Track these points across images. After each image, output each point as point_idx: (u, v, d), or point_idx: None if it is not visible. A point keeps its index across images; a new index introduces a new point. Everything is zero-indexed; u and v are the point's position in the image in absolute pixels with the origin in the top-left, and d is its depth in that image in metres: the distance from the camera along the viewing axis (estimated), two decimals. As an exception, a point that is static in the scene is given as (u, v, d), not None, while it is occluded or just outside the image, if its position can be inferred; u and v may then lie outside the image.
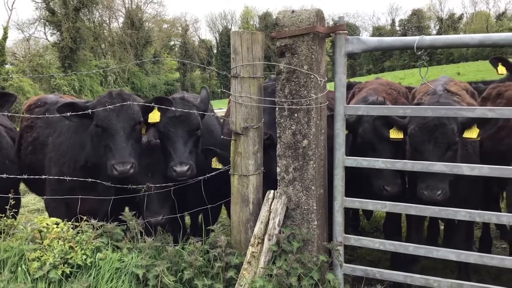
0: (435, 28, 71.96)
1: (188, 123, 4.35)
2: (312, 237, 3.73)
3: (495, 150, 4.38)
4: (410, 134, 3.95)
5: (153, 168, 4.34)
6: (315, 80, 3.61)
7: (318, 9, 3.66)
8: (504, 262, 3.43)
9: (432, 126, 3.83)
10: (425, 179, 3.77)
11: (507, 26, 57.99)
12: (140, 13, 58.86)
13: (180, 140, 4.28)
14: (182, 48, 68.70)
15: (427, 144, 3.84)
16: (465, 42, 3.39)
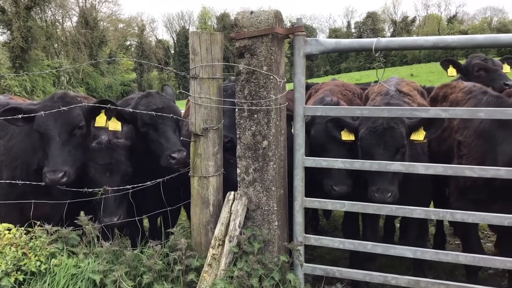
0: (389, 31, 73.81)
1: (174, 112, 4.34)
2: (273, 238, 3.74)
3: (439, 150, 4.55)
4: (361, 138, 4.02)
5: (112, 168, 4.24)
6: (274, 81, 3.62)
7: (276, 10, 3.68)
8: (459, 258, 3.55)
9: (381, 129, 3.91)
10: (375, 182, 3.84)
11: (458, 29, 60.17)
12: (94, 12, 57.48)
13: (169, 129, 4.23)
14: (138, 48, 67.63)
15: (376, 147, 3.93)
16: (420, 44, 3.48)
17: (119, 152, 4.31)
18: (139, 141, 4.41)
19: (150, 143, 4.26)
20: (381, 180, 3.82)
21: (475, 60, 6.20)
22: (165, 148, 4.13)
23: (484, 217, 3.44)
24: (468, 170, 3.45)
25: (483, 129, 4.01)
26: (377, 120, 3.94)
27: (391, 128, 3.90)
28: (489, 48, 4.67)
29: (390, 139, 3.90)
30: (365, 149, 4.02)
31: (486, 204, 3.79)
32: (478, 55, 6.34)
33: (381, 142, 3.92)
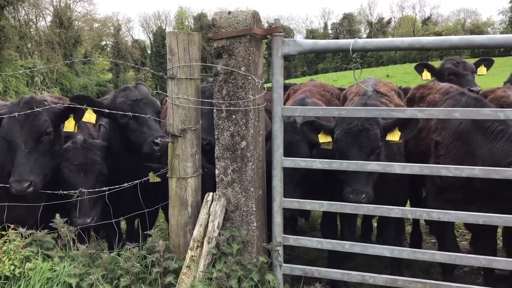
0: (365, 32, 74.61)
1: (153, 104, 4.35)
2: (252, 239, 3.74)
3: (417, 150, 4.61)
4: (336, 139, 4.04)
5: (87, 169, 4.18)
6: (252, 82, 3.61)
7: (254, 10, 3.67)
8: (435, 256, 3.60)
9: (356, 131, 3.94)
10: (350, 183, 3.86)
11: (432, 30, 61.18)
12: (69, 12, 56.61)
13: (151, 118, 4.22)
14: (114, 48, 66.82)
15: (351, 148, 3.95)
16: (396, 45, 3.51)
17: (95, 152, 4.26)
18: (118, 136, 4.37)
19: (131, 133, 4.23)
20: (356, 181, 3.85)
21: (447, 64, 6.31)
22: (148, 135, 4.10)
23: (460, 216, 3.50)
24: (444, 169, 3.50)
25: (462, 131, 4.07)
26: (352, 121, 3.96)
27: (366, 130, 3.93)
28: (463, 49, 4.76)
29: (365, 141, 3.93)
30: (340, 151, 4.04)
31: (463, 204, 3.85)
32: (452, 58, 6.44)
33: (356, 144, 3.94)
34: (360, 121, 3.94)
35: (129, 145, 4.24)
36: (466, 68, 6.19)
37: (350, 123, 3.97)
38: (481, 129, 3.90)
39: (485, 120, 3.87)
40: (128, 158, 4.29)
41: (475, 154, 3.90)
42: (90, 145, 4.30)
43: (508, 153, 3.67)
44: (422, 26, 68.09)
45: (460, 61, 6.30)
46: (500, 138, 3.77)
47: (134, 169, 4.17)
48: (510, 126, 3.79)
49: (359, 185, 3.84)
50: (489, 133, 3.85)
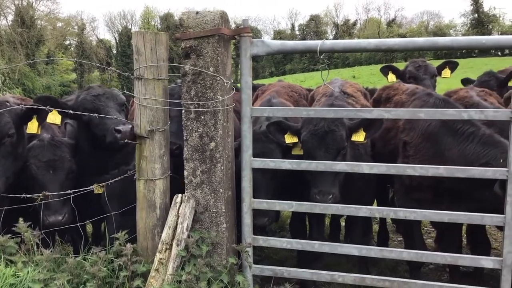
0: (332, 33, 75.43)
1: (116, 97, 4.36)
2: (221, 240, 3.72)
3: (385, 150, 4.68)
4: (303, 140, 4.06)
5: (56, 166, 4.09)
6: (221, 82, 3.59)
7: (222, 11, 3.65)
8: (402, 254, 3.67)
9: (322, 132, 3.97)
10: (317, 184, 3.89)
11: (396, 32, 62.38)
12: (31, 11, 55.08)
13: (112, 110, 4.21)
14: (78, 48, 65.43)
15: (318, 150, 3.98)
16: (363, 46, 3.56)
17: (63, 149, 4.22)
18: (84, 134, 4.34)
19: (95, 128, 4.19)
20: (322, 183, 3.87)
21: (409, 67, 6.47)
22: (109, 124, 4.07)
23: (426, 214, 3.57)
24: (410, 169, 3.58)
25: (432, 132, 4.15)
26: (318, 123, 3.99)
27: (332, 131, 3.96)
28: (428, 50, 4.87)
29: (331, 142, 3.96)
30: (307, 152, 4.06)
31: (431, 204, 3.92)
32: (415, 61, 6.58)
33: (322, 145, 3.97)
34: (326, 123, 3.97)
35: (95, 140, 4.20)
36: (427, 71, 6.34)
37: (316, 124, 3.99)
38: (451, 131, 3.99)
39: (455, 122, 3.96)
40: (96, 157, 4.23)
41: (444, 155, 3.99)
42: (58, 142, 4.24)
43: (480, 155, 3.77)
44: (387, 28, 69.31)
45: (422, 65, 6.42)
46: (471, 140, 3.86)
47: (102, 169, 4.10)
48: (480, 128, 3.89)
49: (325, 186, 3.86)
50: (459, 135, 3.95)
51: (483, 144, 3.79)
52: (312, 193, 3.89)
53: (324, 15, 77.84)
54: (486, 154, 3.73)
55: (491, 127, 3.97)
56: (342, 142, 3.99)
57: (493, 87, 6.03)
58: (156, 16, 77.00)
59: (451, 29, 62.52)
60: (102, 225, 5.31)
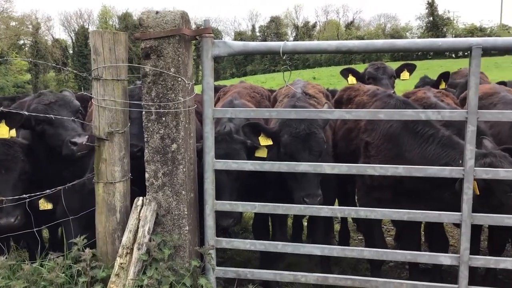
0: (292, 35, 76.09)
1: (69, 104, 4.24)
2: (184, 243, 3.67)
3: (347, 150, 4.75)
4: (285, 144, 4.04)
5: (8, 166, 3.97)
6: (182, 83, 3.55)
7: (183, 11, 3.61)
8: (363, 253, 3.72)
9: (304, 135, 3.98)
10: (305, 188, 3.89)
11: (355, 34, 63.52)
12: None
13: (68, 119, 4.07)
14: (33, 48, 63.48)
15: (302, 152, 3.98)
16: (324, 48, 3.59)
17: (16, 149, 4.08)
18: (39, 144, 4.21)
19: (49, 139, 4.07)
20: (310, 186, 3.89)
21: (368, 69, 6.65)
22: (64, 136, 3.95)
23: (386, 213, 3.64)
24: (370, 169, 3.63)
25: (393, 133, 4.23)
26: (298, 125, 4.00)
27: (313, 133, 4.00)
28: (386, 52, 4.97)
29: (314, 144, 3.99)
30: (290, 155, 4.04)
31: (392, 203, 4.00)
32: (374, 63, 6.77)
33: (306, 147, 3.98)
34: (306, 125, 3.99)
35: (52, 151, 4.05)
36: (385, 72, 6.54)
37: (297, 127, 4.00)
38: (411, 132, 4.08)
39: (416, 124, 4.05)
40: (54, 164, 4.09)
41: (405, 156, 4.07)
42: (10, 142, 4.07)
43: (439, 156, 3.87)
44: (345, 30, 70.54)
45: (381, 66, 6.63)
46: (431, 142, 3.96)
47: (59, 172, 3.98)
48: (440, 130, 4.00)
49: (313, 189, 3.88)
50: (419, 136, 4.04)
51: (442, 146, 3.90)
52: (299, 197, 3.89)
53: (284, 17, 78.47)
54: (445, 155, 3.84)
55: (450, 128, 4.09)
56: (323, 143, 4.05)
57: None
58: (114, 16, 75.61)
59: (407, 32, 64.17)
60: (60, 230, 5.16)
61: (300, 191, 3.91)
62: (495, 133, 4.57)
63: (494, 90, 5.03)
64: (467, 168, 3.32)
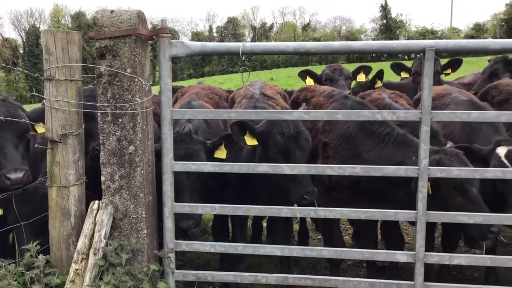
0: (250, 36, 76.22)
1: (18, 126, 3.85)
2: (142, 247, 3.60)
3: None
4: (275, 143, 4.01)
5: None
6: (139, 84, 3.48)
7: (139, 10, 3.54)
8: (323, 252, 3.76)
9: (295, 134, 3.99)
10: (304, 185, 3.88)
11: (311, 36, 64.29)
12: None
13: (8, 144, 3.79)
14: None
15: (295, 151, 3.98)
16: (282, 49, 3.60)
17: None
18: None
19: None
20: (308, 183, 3.90)
21: (325, 71, 6.81)
22: (1, 167, 3.74)
23: (344, 212, 3.68)
24: (329, 169, 3.67)
25: (350, 134, 4.30)
26: (287, 125, 4.00)
27: (302, 131, 4.03)
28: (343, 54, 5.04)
29: (304, 142, 4.03)
30: (283, 154, 4.02)
31: (350, 203, 4.06)
32: (331, 65, 6.92)
33: (298, 146, 3.99)
34: (293, 124, 4.02)
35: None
36: (341, 74, 6.71)
37: (286, 126, 4.00)
38: (368, 133, 4.16)
39: (372, 124, 4.13)
40: None
41: (362, 156, 4.15)
42: None
43: (395, 154, 3.96)
44: (302, 32, 71.24)
45: (338, 68, 6.80)
46: (387, 141, 4.06)
47: None
48: (395, 129, 4.09)
49: (311, 186, 3.90)
50: (375, 136, 4.13)
51: (397, 145, 4.00)
52: (298, 195, 3.88)
53: (241, 18, 78.53)
54: (400, 154, 3.93)
55: (404, 128, 4.19)
56: (310, 141, 4.11)
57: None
58: (66, 15, 73.54)
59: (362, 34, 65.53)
60: (11, 236, 4.96)
61: (299, 189, 3.89)
62: (447, 133, 4.72)
63: (446, 91, 5.20)
64: (422, 167, 3.41)
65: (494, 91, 5.28)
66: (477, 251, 5.32)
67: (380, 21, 61.59)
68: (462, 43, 3.53)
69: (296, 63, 53.31)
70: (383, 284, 3.64)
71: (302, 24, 78.83)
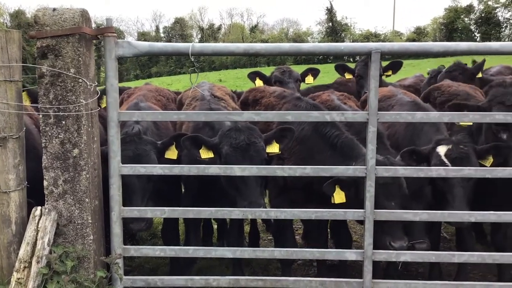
0: (198, 37, 75.70)
1: None
2: (88, 253, 3.48)
3: None
4: (226, 155, 3.91)
5: None
6: (84, 85, 3.37)
7: (83, 9, 3.43)
8: (274, 253, 3.77)
9: (245, 145, 3.87)
10: (247, 196, 3.79)
11: (259, 38, 64.55)
12: None
13: None
14: None
15: (243, 163, 3.85)
16: (232, 50, 3.59)
17: None
18: None
19: None
20: (252, 194, 3.79)
21: (275, 73, 6.86)
22: None
23: (295, 213, 3.72)
24: (279, 170, 3.68)
25: (304, 136, 4.34)
26: (238, 136, 3.90)
27: (253, 143, 3.91)
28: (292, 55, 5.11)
29: (255, 154, 3.90)
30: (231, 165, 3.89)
31: (304, 204, 4.09)
32: (281, 67, 6.99)
33: (247, 157, 3.87)
34: (246, 135, 3.90)
35: None
36: (291, 76, 6.78)
37: (237, 138, 3.90)
38: (321, 135, 4.23)
39: (324, 126, 4.19)
40: None
41: (316, 158, 4.20)
42: None
43: (345, 156, 4.02)
44: (250, 34, 71.47)
45: (287, 70, 6.86)
46: (337, 142, 4.13)
47: None
48: (344, 132, 4.18)
49: (255, 197, 3.78)
50: (327, 138, 4.18)
51: (347, 147, 4.08)
52: (242, 206, 3.77)
53: (189, 18, 77.88)
54: (349, 155, 4.01)
55: (350, 129, 4.29)
56: (264, 153, 3.96)
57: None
58: (5, 13, 70.37)
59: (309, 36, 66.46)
60: None
61: (243, 200, 3.80)
62: (392, 133, 4.86)
63: (391, 93, 5.34)
64: (369, 167, 3.49)
65: (436, 92, 5.48)
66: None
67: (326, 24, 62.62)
68: (407, 46, 3.65)
69: (245, 64, 53.36)
70: (333, 282, 3.69)
71: (250, 26, 79.14)
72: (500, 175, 3.58)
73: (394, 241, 3.70)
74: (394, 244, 3.70)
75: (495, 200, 4.19)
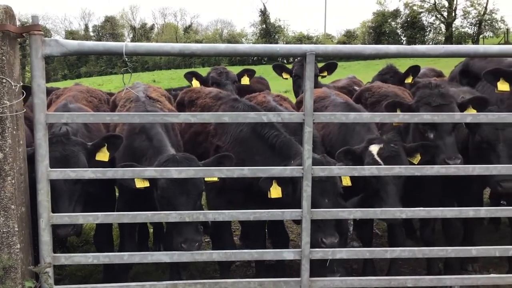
0: (129, 36, 74.01)
1: None
2: (15, 263, 3.30)
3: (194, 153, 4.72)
4: (161, 188, 3.72)
5: None
6: (8, 85, 3.18)
7: (7, 5, 3.25)
8: (213, 256, 3.75)
9: (181, 180, 3.66)
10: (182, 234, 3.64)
11: (193, 38, 64.07)
12: None
13: None
14: None
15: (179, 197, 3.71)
16: (167, 50, 3.52)
17: None
18: None
19: None
20: (189, 231, 3.65)
21: (212, 74, 6.85)
22: None
23: (233, 214, 3.72)
24: (217, 171, 3.65)
25: (243, 137, 4.33)
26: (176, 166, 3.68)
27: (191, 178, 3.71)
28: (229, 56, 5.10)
29: (192, 188, 3.74)
30: (166, 199, 3.75)
31: (241, 204, 4.08)
32: (217, 68, 6.98)
33: (184, 192, 3.72)
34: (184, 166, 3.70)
35: None
36: (228, 78, 6.81)
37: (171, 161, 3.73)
38: (259, 136, 4.24)
39: (263, 128, 4.22)
40: None
41: (255, 159, 4.20)
42: None
43: (283, 156, 4.06)
44: (184, 34, 70.77)
45: (224, 71, 6.88)
46: (275, 144, 4.16)
47: None
48: (283, 133, 4.22)
49: (190, 234, 3.64)
50: (265, 140, 4.20)
51: (285, 147, 4.12)
52: (177, 243, 3.64)
53: (120, 17, 75.97)
54: (287, 155, 4.06)
55: (287, 129, 4.34)
56: (202, 186, 3.84)
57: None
58: None
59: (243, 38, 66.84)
60: None
61: (178, 237, 3.66)
62: (326, 133, 4.98)
63: (325, 94, 5.47)
64: (306, 167, 3.54)
65: (367, 93, 5.67)
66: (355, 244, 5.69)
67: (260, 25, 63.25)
68: (340, 48, 3.74)
69: (179, 65, 52.83)
70: (272, 282, 3.71)
71: (183, 26, 78.42)
72: (429, 173, 3.75)
73: (326, 238, 3.78)
74: (325, 241, 3.78)
75: (423, 196, 4.41)
